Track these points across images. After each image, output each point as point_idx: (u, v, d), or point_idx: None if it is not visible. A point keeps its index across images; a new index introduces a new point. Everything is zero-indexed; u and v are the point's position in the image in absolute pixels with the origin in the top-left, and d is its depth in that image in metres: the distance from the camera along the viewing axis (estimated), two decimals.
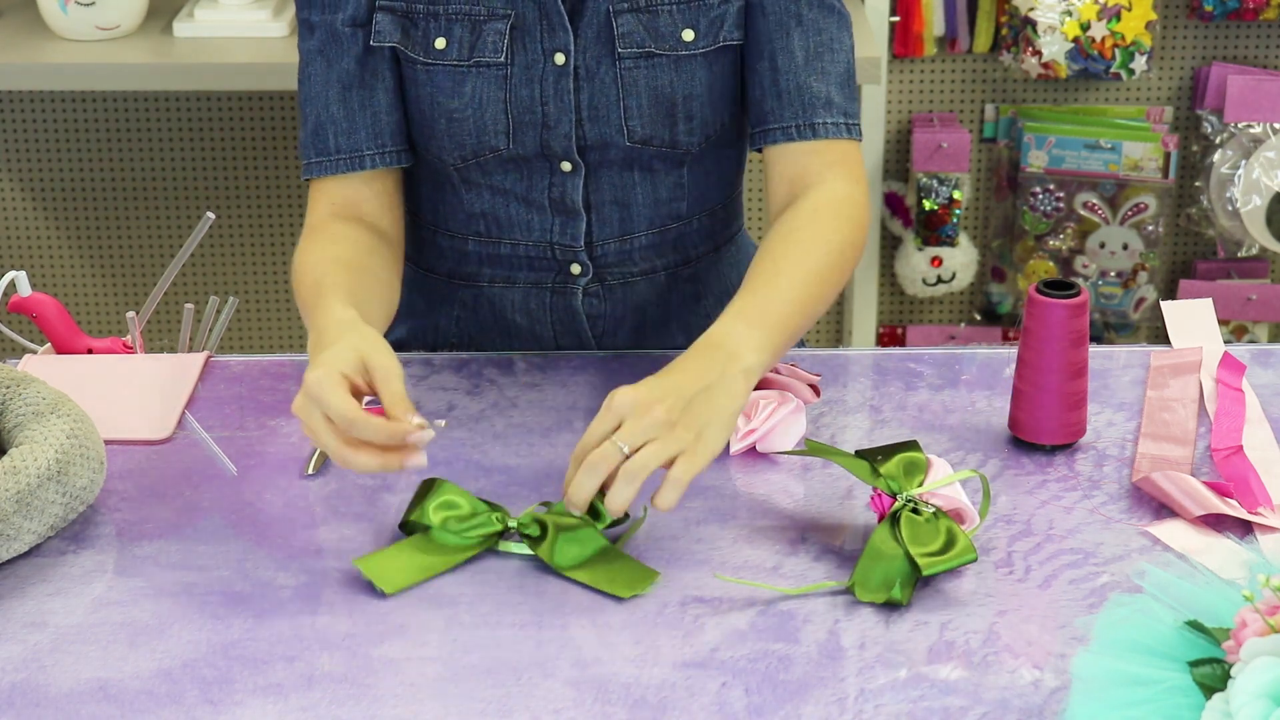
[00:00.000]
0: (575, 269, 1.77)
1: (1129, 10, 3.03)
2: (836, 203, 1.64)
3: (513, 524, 1.44)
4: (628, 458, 1.39)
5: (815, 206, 1.64)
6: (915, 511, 1.42)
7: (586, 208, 1.73)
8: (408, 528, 1.46)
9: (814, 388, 1.65)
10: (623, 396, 1.41)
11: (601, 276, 1.78)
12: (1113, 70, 3.06)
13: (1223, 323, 3.27)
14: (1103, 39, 3.03)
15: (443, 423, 1.42)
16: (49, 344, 1.83)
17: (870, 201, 1.72)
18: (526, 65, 1.66)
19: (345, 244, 1.65)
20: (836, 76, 1.68)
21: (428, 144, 1.71)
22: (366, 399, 1.43)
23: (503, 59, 1.65)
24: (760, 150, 1.71)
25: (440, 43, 1.66)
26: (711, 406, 1.43)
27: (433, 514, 1.45)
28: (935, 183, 3.17)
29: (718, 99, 1.70)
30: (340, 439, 1.39)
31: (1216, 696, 1.11)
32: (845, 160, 1.68)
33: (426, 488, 1.48)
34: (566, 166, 1.71)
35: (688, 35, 1.66)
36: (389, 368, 1.42)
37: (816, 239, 1.61)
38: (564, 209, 1.73)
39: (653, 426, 1.40)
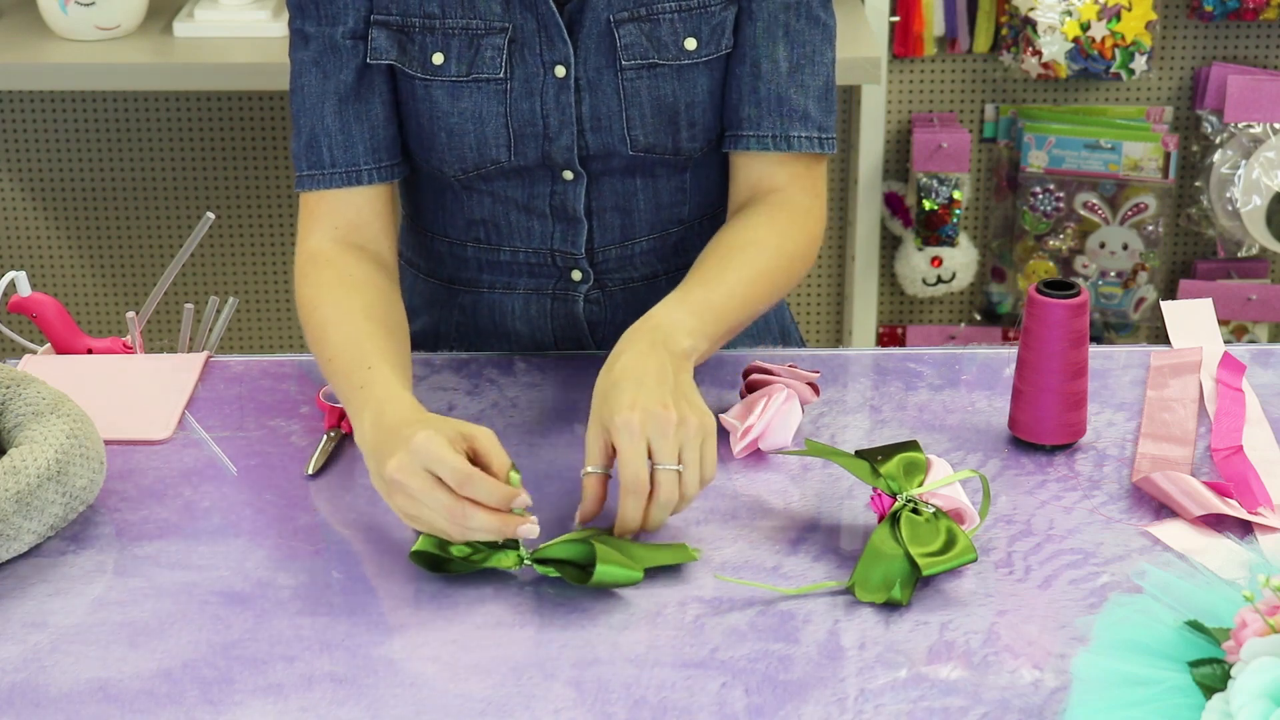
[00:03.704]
0: (576, 275, 1.76)
1: (1129, 10, 3.03)
2: (794, 212, 1.66)
3: (527, 560, 1.42)
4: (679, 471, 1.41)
5: (773, 211, 1.65)
6: (915, 511, 1.42)
7: (588, 214, 1.72)
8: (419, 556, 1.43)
9: (813, 386, 1.65)
10: (630, 417, 1.41)
11: (602, 283, 1.77)
12: (1113, 70, 3.06)
13: (1223, 323, 3.27)
14: (1103, 39, 3.03)
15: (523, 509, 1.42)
16: (49, 344, 1.82)
17: (827, 215, 1.73)
18: (526, 78, 1.65)
19: (367, 291, 1.62)
20: (815, 90, 1.67)
21: (427, 156, 1.70)
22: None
23: (501, 74, 1.64)
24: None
25: (438, 58, 1.65)
26: (677, 384, 1.44)
27: (443, 548, 1.42)
28: (935, 183, 3.16)
29: (719, 104, 1.70)
30: (452, 498, 1.37)
31: (1216, 696, 1.11)
32: (810, 172, 1.69)
33: None
34: (568, 175, 1.70)
35: (690, 44, 1.66)
36: (491, 437, 1.41)
37: (768, 243, 1.63)
38: (565, 216, 1.73)
39: (675, 432, 1.40)
